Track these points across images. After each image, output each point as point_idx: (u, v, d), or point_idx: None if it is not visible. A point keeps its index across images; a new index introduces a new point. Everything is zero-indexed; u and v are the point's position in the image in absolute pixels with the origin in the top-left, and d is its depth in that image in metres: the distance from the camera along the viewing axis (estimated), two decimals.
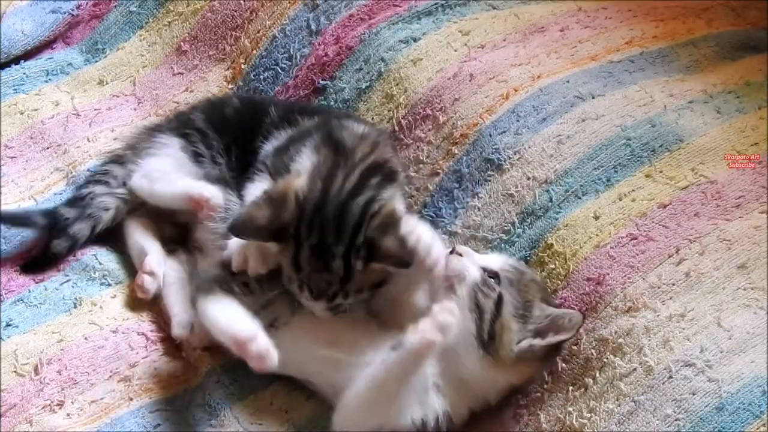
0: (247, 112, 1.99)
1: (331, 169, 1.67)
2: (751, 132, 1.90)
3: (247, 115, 1.98)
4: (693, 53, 2.12)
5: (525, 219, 1.84)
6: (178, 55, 2.35)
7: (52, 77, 2.35)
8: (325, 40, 2.19)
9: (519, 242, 1.82)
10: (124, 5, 2.42)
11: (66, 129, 2.23)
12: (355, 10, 2.22)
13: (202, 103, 2.11)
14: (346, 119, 1.93)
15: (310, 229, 1.61)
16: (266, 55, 2.24)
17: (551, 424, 1.63)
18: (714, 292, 1.64)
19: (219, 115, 2.00)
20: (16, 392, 1.73)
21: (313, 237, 1.61)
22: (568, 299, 1.71)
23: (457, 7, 2.21)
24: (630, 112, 1.92)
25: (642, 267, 1.68)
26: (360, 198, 1.64)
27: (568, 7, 2.23)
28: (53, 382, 1.75)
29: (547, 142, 1.89)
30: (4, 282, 1.91)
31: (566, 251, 1.75)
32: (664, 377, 1.54)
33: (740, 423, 1.46)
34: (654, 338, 1.59)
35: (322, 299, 1.64)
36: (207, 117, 1.99)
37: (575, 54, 2.09)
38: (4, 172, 2.12)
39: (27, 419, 1.70)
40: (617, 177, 1.83)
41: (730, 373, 1.51)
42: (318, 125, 1.86)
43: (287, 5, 2.27)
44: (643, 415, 1.52)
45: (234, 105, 2.02)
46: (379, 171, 1.71)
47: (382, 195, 1.66)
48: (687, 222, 1.74)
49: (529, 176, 1.87)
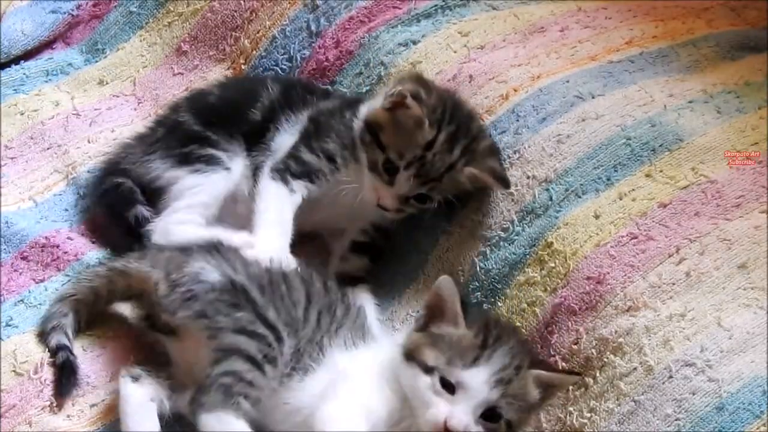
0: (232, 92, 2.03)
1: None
2: (751, 132, 1.90)
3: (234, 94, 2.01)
4: (693, 53, 2.12)
5: (524, 217, 1.83)
6: (178, 55, 2.36)
7: (52, 77, 2.35)
8: (325, 43, 2.19)
9: (518, 240, 1.82)
10: (124, 5, 2.42)
11: (66, 129, 2.23)
12: (355, 12, 2.22)
13: (183, 101, 2.09)
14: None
15: (451, 119, 1.85)
16: (266, 55, 2.25)
17: (552, 423, 1.64)
18: (714, 291, 1.64)
19: (204, 105, 2.00)
20: (16, 392, 1.72)
21: (452, 126, 1.84)
22: (568, 298, 1.71)
23: (456, 9, 2.21)
24: (630, 112, 1.92)
25: (642, 266, 1.68)
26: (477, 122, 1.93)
27: (568, 7, 2.23)
28: (53, 383, 1.73)
29: (546, 141, 1.89)
30: (4, 282, 1.90)
31: (566, 250, 1.75)
32: (665, 377, 1.54)
33: (740, 423, 1.46)
34: (654, 338, 1.59)
35: (419, 179, 1.82)
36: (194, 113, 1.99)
37: (575, 54, 2.09)
38: (4, 173, 2.12)
39: (26, 420, 1.69)
40: (617, 176, 1.83)
41: (731, 373, 1.51)
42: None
43: (287, 6, 2.27)
44: (644, 414, 1.53)
45: (216, 93, 2.04)
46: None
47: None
48: (687, 221, 1.74)
49: (528, 175, 1.87)
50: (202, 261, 1.69)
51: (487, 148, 1.88)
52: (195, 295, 1.65)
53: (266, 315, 1.63)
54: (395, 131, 1.85)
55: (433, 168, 1.83)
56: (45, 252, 1.95)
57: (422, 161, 1.82)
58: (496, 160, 1.87)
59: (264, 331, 1.61)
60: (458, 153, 1.83)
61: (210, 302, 1.63)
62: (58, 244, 1.95)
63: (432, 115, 1.83)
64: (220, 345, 1.60)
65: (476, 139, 1.87)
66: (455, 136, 1.84)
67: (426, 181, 1.84)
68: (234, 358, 1.58)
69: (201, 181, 1.91)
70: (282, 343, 1.62)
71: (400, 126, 1.84)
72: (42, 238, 1.97)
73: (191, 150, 1.94)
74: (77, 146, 2.18)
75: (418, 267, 1.95)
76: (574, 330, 1.67)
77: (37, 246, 1.96)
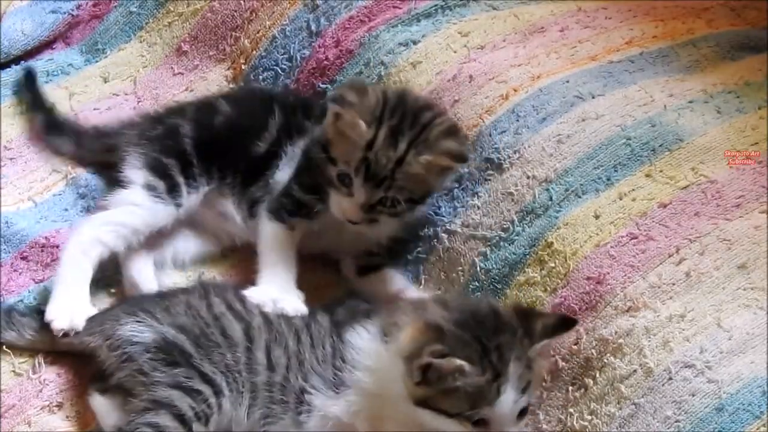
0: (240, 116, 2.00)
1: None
2: (751, 132, 1.90)
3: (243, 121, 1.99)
4: (693, 53, 2.12)
5: (524, 217, 1.83)
6: (179, 55, 2.36)
7: (53, 78, 2.35)
8: (325, 42, 2.19)
9: (518, 240, 1.82)
10: (124, 6, 2.42)
11: None
12: (355, 12, 2.22)
13: (191, 109, 2.06)
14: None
15: (392, 114, 1.80)
16: (266, 55, 2.25)
17: (552, 424, 1.63)
18: (714, 292, 1.64)
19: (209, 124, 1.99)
20: (15, 392, 1.73)
21: (393, 120, 1.79)
22: (568, 298, 1.71)
23: (456, 9, 2.21)
24: (630, 112, 1.92)
25: (642, 266, 1.68)
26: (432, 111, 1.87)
27: (568, 7, 2.23)
28: (52, 384, 1.75)
29: (547, 141, 1.89)
30: (3, 282, 1.90)
31: (566, 250, 1.75)
32: (664, 379, 1.54)
33: (740, 423, 1.46)
34: (654, 339, 1.59)
35: (370, 182, 1.77)
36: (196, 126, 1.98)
37: (575, 54, 2.09)
38: (4, 174, 2.12)
39: (26, 420, 1.70)
40: (617, 176, 1.83)
41: (730, 374, 1.51)
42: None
43: (287, 6, 2.27)
44: (644, 417, 1.52)
45: (224, 112, 2.00)
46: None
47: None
48: (687, 222, 1.74)
49: (528, 175, 1.86)
50: (133, 323, 1.67)
51: (442, 131, 1.81)
52: (130, 356, 1.64)
53: (202, 368, 1.61)
54: (340, 141, 1.81)
55: (378, 166, 1.77)
56: (45, 252, 1.95)
57: (367, 162, 1.77)
58: (453, 139, 1.81)
59: (201, 387, 1.59)
60: (404, 146, 1.77)
61: (146, 361, 1.62)
62: (58, 244, 1.95)
63: (368, 114, 1.79)
64: (152, 397, 1.59)
65: (427, 127, 1.81)
66: (398, 129, 1.78)
67: (378, 182, 1.78)
68: (163, 413, 1.57)
69: (147, 205, 1.90)
70: (221, 396, 1.60)
71: (343, 134, 1.80)
72: (42, 238, 1.96)
73: (167, 164, 1.93)
74: None
75: (418, 267, 1.95)
76: (574, 330, 1.66)
77: (36, 246, 1.96)
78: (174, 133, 1.97)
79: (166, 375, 1.61)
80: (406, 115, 1.81)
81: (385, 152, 1.77)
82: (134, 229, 1.88)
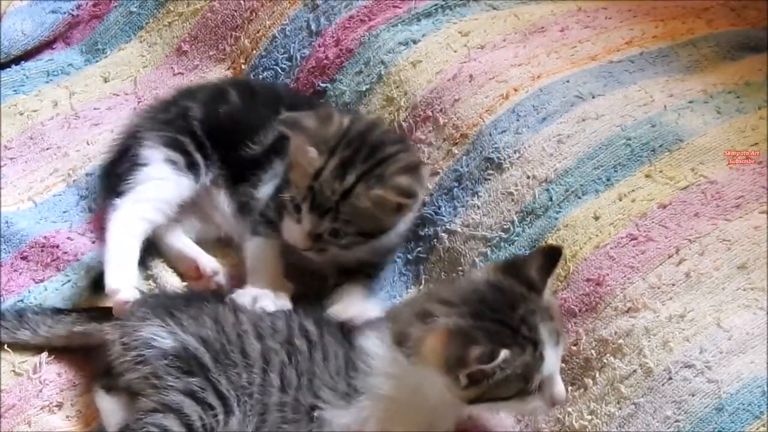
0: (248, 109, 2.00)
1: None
2: (751, 132, 1.90)
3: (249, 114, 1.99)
4: (693, 53, 2.12)
5: (525, 218, 1.83)
6: (179, 55, 2.36)
7: (53, 78, 2.35)
8: (325, 42, 2.19)
9: (518, 241, 1.82)
10: (124, 6, 2.43)
11: (66, 130, 2.23)
12: (355, 11, 2.22)
13: (200, 93, 2.06)
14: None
15: (348, 146, 1.77)
16: (266, 55, 2.25)
17: (551, 424, 1.63)
18: (714, 292, 1.64)
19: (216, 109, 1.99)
20: (15, 392, 1.73)
21: (347, 152, 1.76)
22: (567, 300, 1.71)
23: (456, 8, 2.21)
24: (630, 112, 1.92)
25: (642, 267, 1.68)
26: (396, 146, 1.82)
27: (568, 7, 2.23)
28: (52, 383, 1.74)
29: (547, 141, 1.89)
30: (3, 282, 1.90)
31: (566, 252, 1.74)
32: (664, 379, 1.54)
33: (740, 424, 1.46)
34: (654, 339, 1.58)
35: (315, 212, 1.73)
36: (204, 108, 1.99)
37: (575, 54, 2.09)
38: (4, 174, 2.12)
39: (26, 420, 1.70)
40: (617, 177, 1.83)
41: (730, 374, 1.51)
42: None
43: (287, 5, 2.27)
44: (643, 417, 1.52)
45: (233, 102, 2.01)
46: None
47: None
48: (687, 222, 1.74)
49: (529, 175, 1.86)
50: (156, 327, 1.65)
51: (400, 168, 1.76)
52: (145, 360, 1.62)
53: (218, 384, 1.59)
54: (296, 166, 1.79)
55: (323, 196, 1.73)
56: (45, 252, 1.95)
57: (313, 192, 1.74)
58: (408, 176, 1.76)
59: (213, 401, 1.57)
60: (353, 179, 1.73)
61: (161, 366, 1.60)
62: (58, 244, 1.95)
63: (322, 143, 1.76)
64: (163, 400, 1.57)
65: (384, 162, 1.76)
66: (350, 161, 1.74)
67: (323, 213, 1.74)
68: (172, 417, 1.55)
69: (172, 178, 1.91)
70: (230, 415, 1.58)
71: (298, 160, 1.78)
72: (42, 238, 1.96)
73: (183, 141, 1.94)
74: (77, 148, 2.18)
75: (418, 267, 1.94)
76: (574, 331, 1.67)
77: (36, 246, 1.96)
78: (185, 115, 1.99)
79: (180, 381, 1.58)
80: (362, 148, 1.77)
81: (330, 183, 1.73)
82: (167, 201, 1.89)
